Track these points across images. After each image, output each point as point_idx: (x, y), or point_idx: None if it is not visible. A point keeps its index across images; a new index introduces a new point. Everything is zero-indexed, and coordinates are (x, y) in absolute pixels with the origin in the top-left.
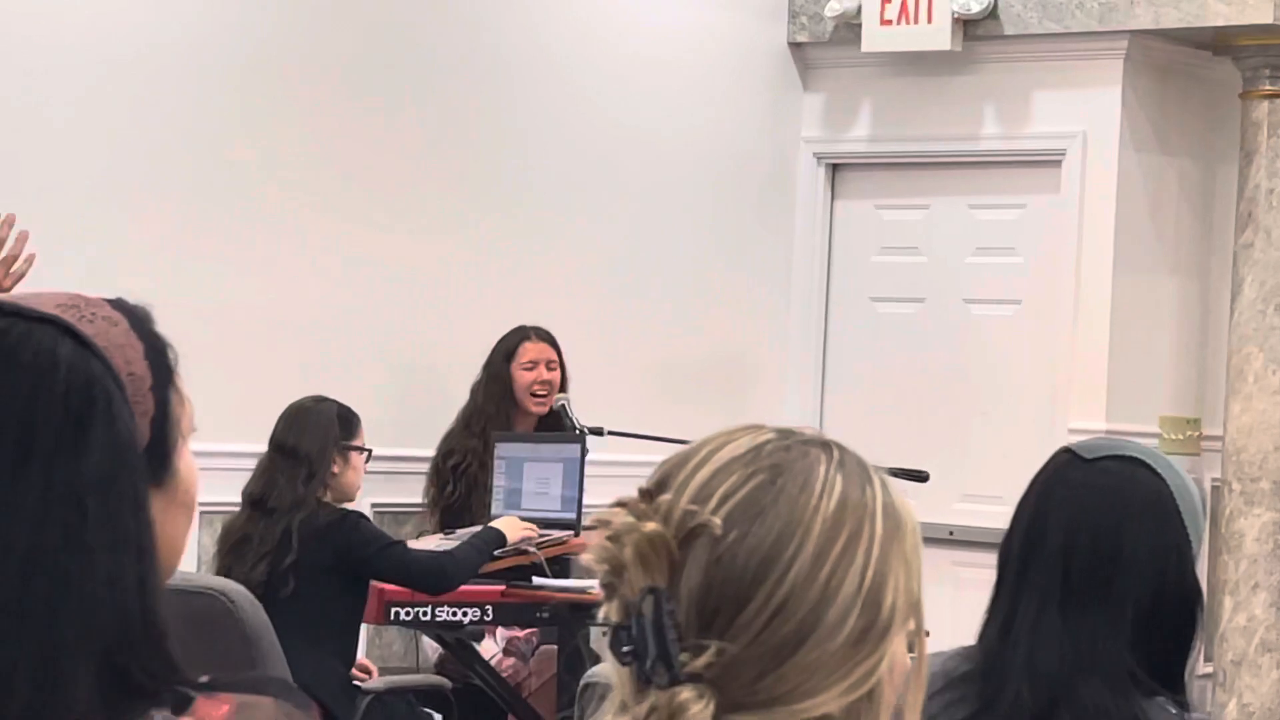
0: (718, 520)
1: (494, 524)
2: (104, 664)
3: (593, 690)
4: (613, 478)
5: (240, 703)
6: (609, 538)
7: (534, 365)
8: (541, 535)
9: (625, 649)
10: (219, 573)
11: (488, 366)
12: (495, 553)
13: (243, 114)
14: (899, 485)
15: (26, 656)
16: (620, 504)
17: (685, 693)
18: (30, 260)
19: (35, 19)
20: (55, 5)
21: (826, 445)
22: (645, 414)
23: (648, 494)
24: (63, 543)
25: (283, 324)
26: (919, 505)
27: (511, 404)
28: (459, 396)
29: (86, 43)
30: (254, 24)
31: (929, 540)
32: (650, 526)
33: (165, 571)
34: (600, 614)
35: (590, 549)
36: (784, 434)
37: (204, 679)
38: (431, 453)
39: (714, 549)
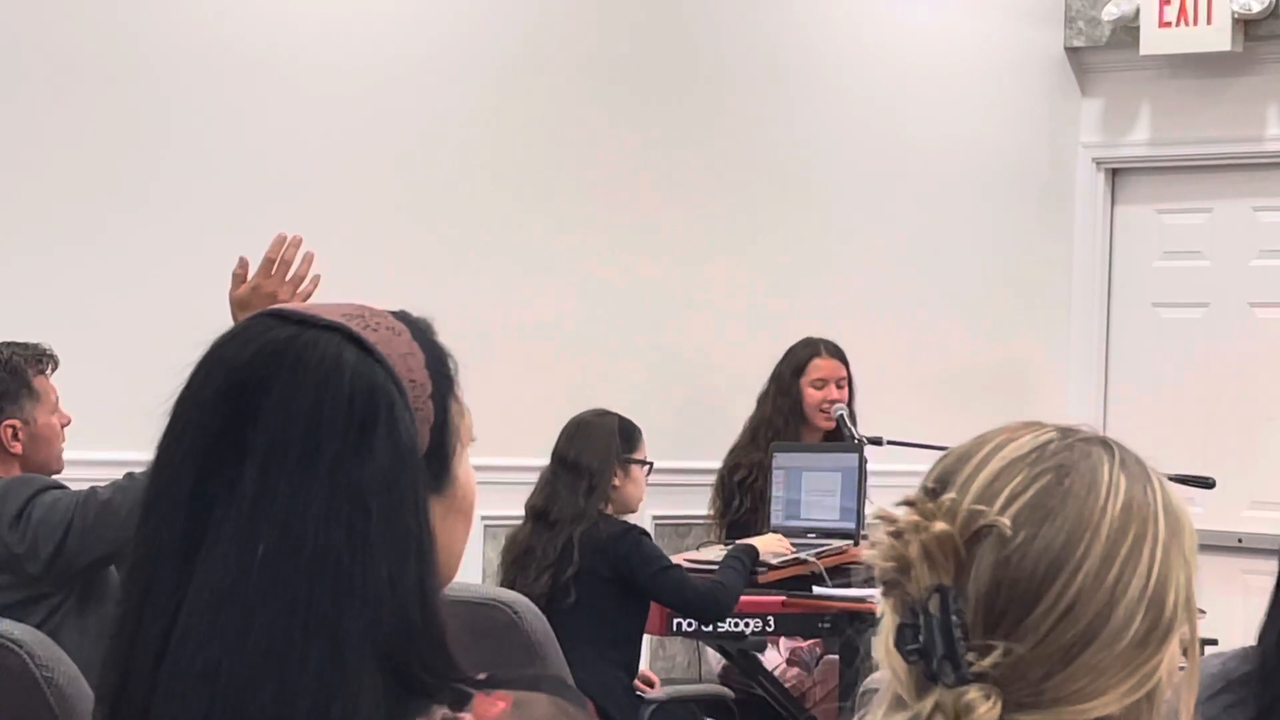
0: (1006, 521)
1: (749, 540)
2: (386, 661)
3: (871, 696)
4: (892, 487)
5: (516, 699)
6: (892, 534)
7: (824, 384)
8: (796, 546)
9: (911, 647)
10: (503, 584)
11: (776, 379)
12: (774, 562)
13: (522, 134)
14: (1178, 488)
15: (314, 652)
16: (906, 502)
17: (972, 692)
18: (316, 281)
19: (308, 34)
20: (320, 21)
21: (1107, 444)
22: (925, 423)
23: (931, 492)
24: (347, 543)
25: (565, 339)
26: (1206, 512)
27: (800, 418)
28: (740, 408)
29: (358, 62)
30: (531, 47)
31: (1217, 548)
32: (938, 526)
33: (444, 579)
34: (877, 610)
35: (874, 545)
36: (1065, 432)
37: (481, 676)
38: (713, 465)
39: (1002, 549)
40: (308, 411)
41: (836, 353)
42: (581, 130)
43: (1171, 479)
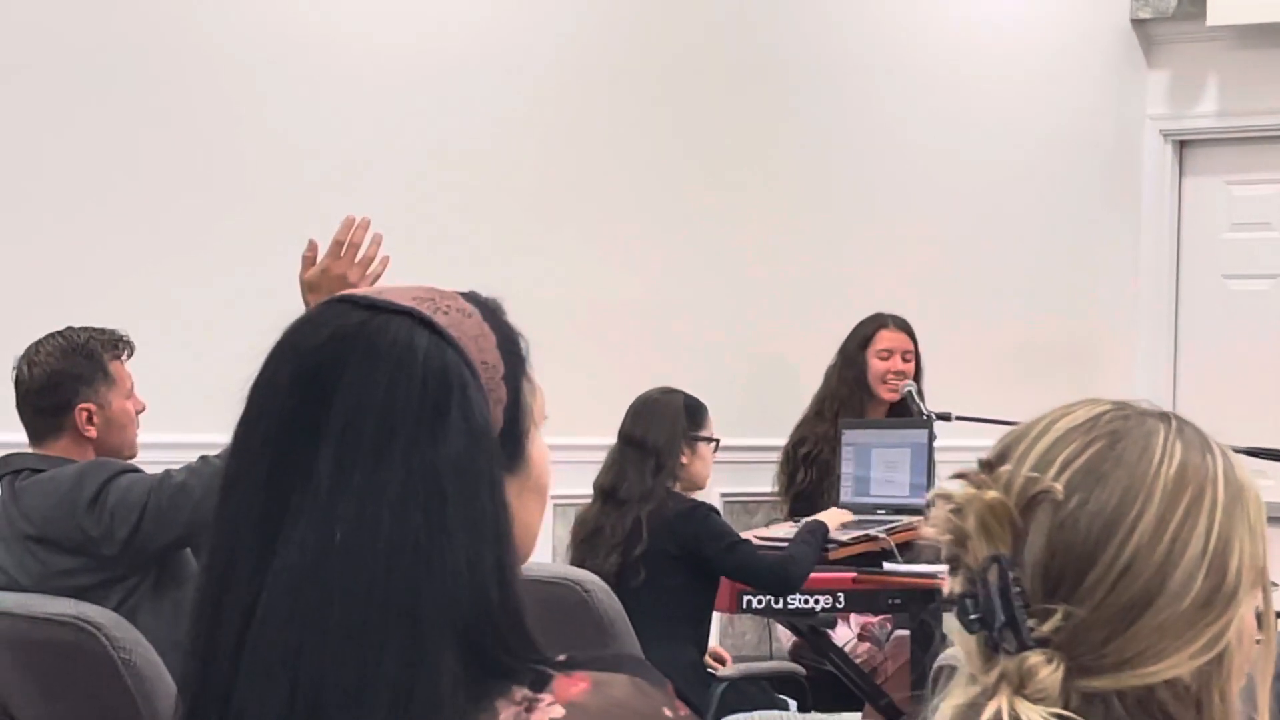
0: (1059, 486)
1: (818, 516)
2: (465, 643)
3: (947, 673)
4: (961, 463)
5: (596, 680)
6: (951, 510)
7: (889, 354)
8: (866, 522)
9: (973, 617)
10: (573, 563)
11: (843, 351)
12: (844, 538)
13: (588, 113)
14: (1249, 461)
15: (394, 636)
16: (960, 475)
17: (1034, 657)
18: (385, 262)
19: (366, 19)
20: (387, 9)
21: (1165, 415)
22: (994, 399)
23: (988, 465)
24: (424, 526)
25: (632, 317)
26: (1277, 484)
27: (865, 390)
28: (808, 387)
29: (421, 43)
30: (595, 27)
31: None
32: (991, 495)
33: (520, 556)
34: (944, 588)
35: (933, 520)
36: (1121, 405)
37: (561, 658)
38: (780, 442)
39: (1056, 515)
40: (381, 396)
41: (903, 326)
42: (648, 110)
43: (1242, 451)
